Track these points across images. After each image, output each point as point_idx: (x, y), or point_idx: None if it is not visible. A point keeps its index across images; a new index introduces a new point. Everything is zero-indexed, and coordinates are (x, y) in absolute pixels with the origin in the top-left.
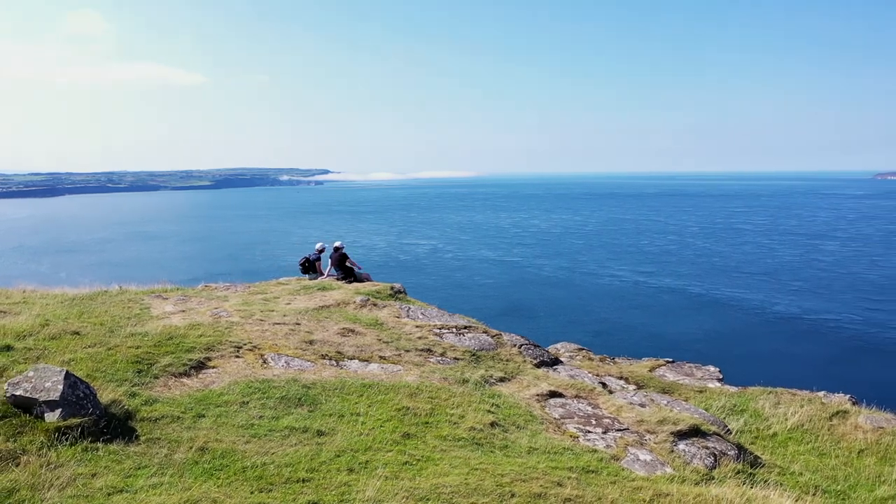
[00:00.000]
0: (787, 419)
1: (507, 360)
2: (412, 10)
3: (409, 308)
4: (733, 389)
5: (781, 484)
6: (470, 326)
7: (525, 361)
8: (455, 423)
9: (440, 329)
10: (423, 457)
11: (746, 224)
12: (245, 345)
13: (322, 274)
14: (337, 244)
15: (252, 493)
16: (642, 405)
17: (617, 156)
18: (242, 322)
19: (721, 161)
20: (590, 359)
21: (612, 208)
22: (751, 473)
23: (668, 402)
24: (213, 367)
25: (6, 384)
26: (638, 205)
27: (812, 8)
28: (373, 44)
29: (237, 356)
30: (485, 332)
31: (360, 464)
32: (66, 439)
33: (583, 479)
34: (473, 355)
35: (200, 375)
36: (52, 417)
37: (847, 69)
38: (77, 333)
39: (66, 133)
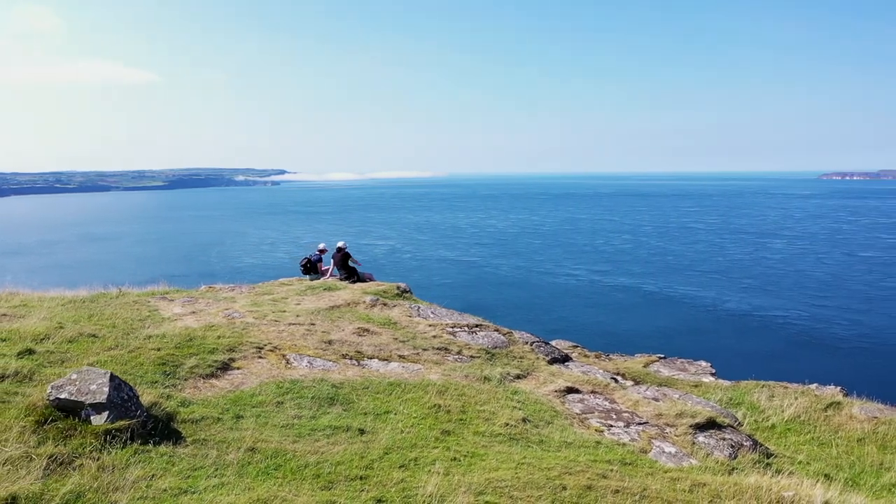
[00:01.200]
0: (783, 411)
1: (521, 358)
2: (375, 7)
3: (419, 307)
4: (727, 383)
5: (792, 473)
6: (481, 325)
7: (538, 358)
8: (488, 420)
9: (453, 328)
10: (468, 453)
11: (698, 223)
12: (265, 345)
13: (324, 274)
14: (340, 244)
15: (315, 491)
16: (656, 399)
17: (574, 156)
18: (257, 323)
19: (674, 162)
20: (585, 355)
21: (568, 208)
22: (767, 463)
23: (681, 396)
24: (238, 369)
25: (49, 387)
26: (593, 205)
27: (768, 9)
28: (334, 42)
29: (260, 357)
30: (496, 330)
31: (409, 461)
32: (116, 442)
33: (623, 472)
34: (488, 353)
35: (227, 377)
36: (99, 420)
37: (794, 75)
38: (94, 336)
39: (12, 132)
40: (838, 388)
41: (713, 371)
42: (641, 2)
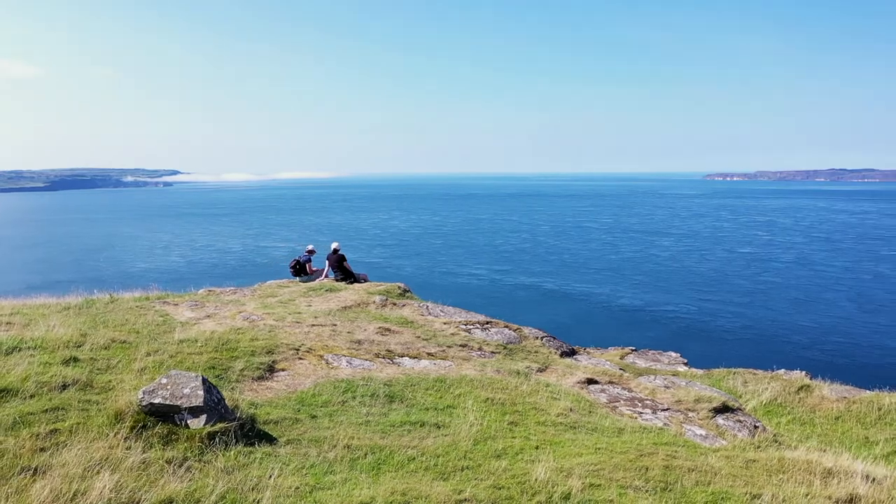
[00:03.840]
0: (760, 395)
1: (536, 352)
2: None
3: (428, 306)
4: (700, 372)
5: (809, 449)
6: (491, 322)
7: (551, 352)
8: (542, 411)
9: (466, 325)
10: (545, 440)
11: (593, 222)
12: (300, 347)
13: (312, 275)
14: (334, 246)
15: (437, 482)
16: (667, 387)
17: (477, 157)
18: (280, 325)
19: (573, 162)
20: None
21: (469, 208)
22: (779, 442)
23: (687, 384)
24: (283, 370)
25: (140, 393)
26: (494, 205)
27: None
28: (231, 37)
29: (300, 358)
30: (506, 326)
31: (500, 451)
32: (219, 444)
33: (684, 452)
34: (506, 349)
35: (276, 378)
36: (197, 424)
37: (680, 81)
38: (126, 342)
39: None
40: (803, 372)
41: (685, 361)
42: (539, 2)
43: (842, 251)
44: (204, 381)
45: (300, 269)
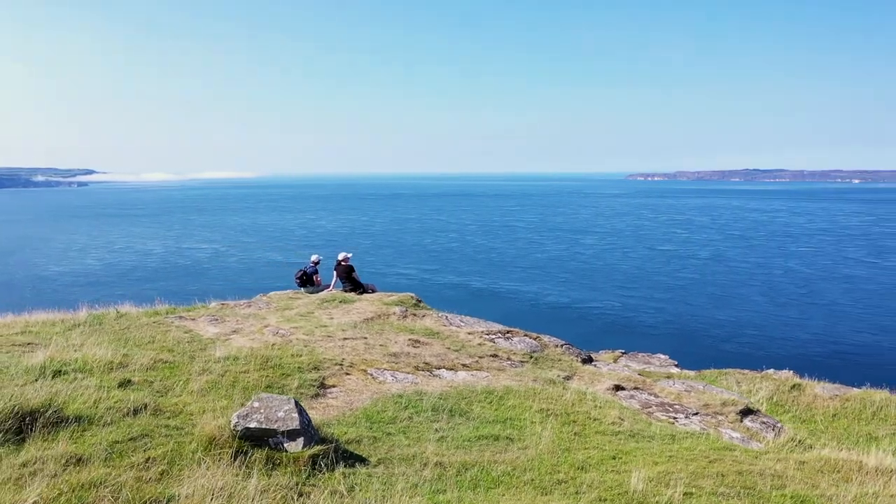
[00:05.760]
0: (756, 394)
1: (559, 360)
2: None
3: (447, 316)
4: (692, 373)
5: (831, 448)
6: (511, 331)
7: (573, 360)
8: (597, 420)
9: (489, 335)
10: (616, 451)
11: (519, 222)
12: (342, 362)
13: (318, 285)
14: (341, 256)
15: (541, 497)
16: (687, 391)
17: (403, 157)
18: (312, 340)
19: (498, 163)
20: None
21: (397, 208)
22: (800, 441)
23: (705, 387)
24: (334, 386)
25: (234, 417)
26: (421, 205)
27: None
28: (150, 32)
29: (346, 374)
30: (526, 335)
31: (581, 462)
32: (321, 468)
33: (745, 457)
34: (531, 357)
35: (331, 395)
36: (294, 447)
37: (601, 83)
38: (168, 362)
39: None
40: (791, 371)
41: (675, 362)
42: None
43: (754, 248)
44: (296, 403)
45: (306, 280)
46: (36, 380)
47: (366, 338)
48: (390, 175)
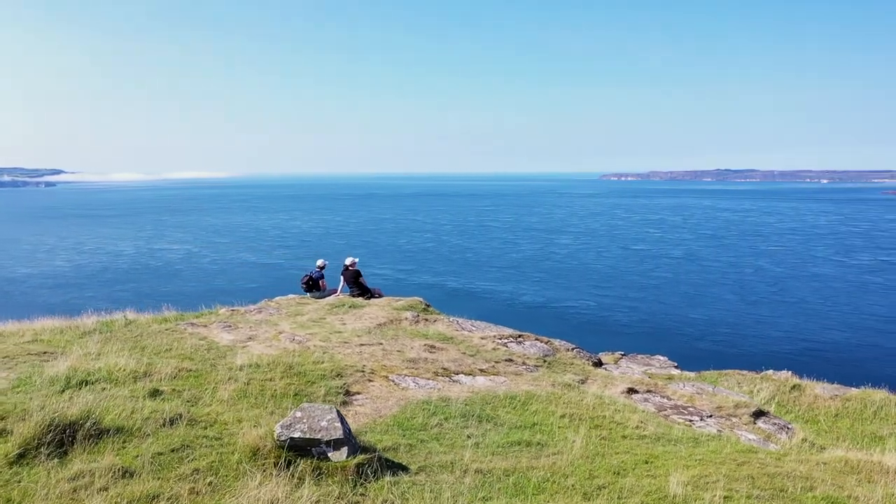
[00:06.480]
0: (757, 394)
1: (572, 364)
2: None
3: (458, 320)
4: (692, 374)
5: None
6: (522, 335)
7: (585, 363)
8: (620, 424)
9: (501, 339)
10: (647, 455)
11: (494, 221)
12: (363, 368)
13: (324, 290)
14: (348, 261)
15: (581, 503)
16: (698, 393)
17: (376, 158)
18: (328, 346)
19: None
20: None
21: (371, 208)
22: (812, 442)
23: (714, 389)
24: (359, 393)
25: (278, 427)
26: (396, 205)
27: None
28: (117, 33)
29: (368, 380)
30: (537, 339)
31: (615, 466)
32: (367, 477)
33: (771, 459)
34: (545, 362)
35: (357, 402)
36: (338, 457)
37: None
38: (191, 371)
39: None
40: (790, 372)
41: (675, 364)
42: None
43: (726, 247)
44: (338, 412)
45: (313, 285)
46: (62, 391)
47: (382, 343)
48: (357, 175)
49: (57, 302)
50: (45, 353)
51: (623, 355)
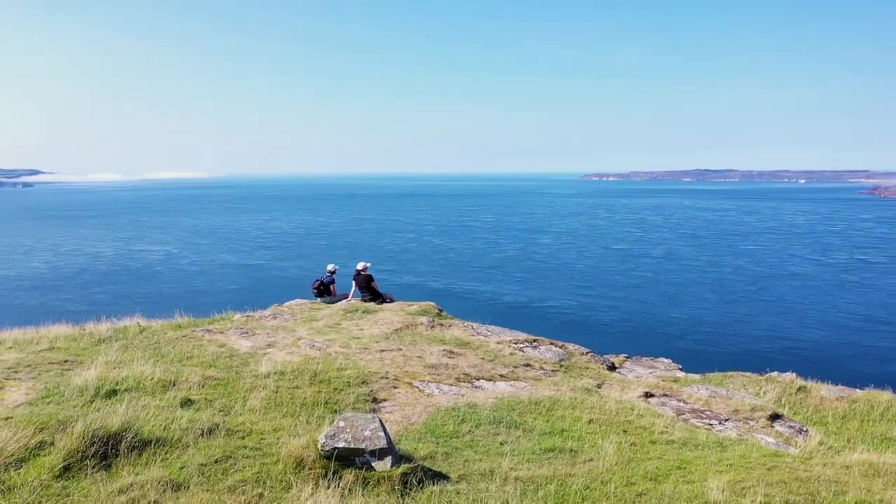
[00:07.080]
0: (763, 397)
1: (587, 368)
2: None
3: (472, 325)
4: (697, 377)
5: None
6: (536, 339)
7: (600, 367)
8: (646, 429)
9: (517, 344)
10: (679, 460)
11: (476, 221)
12: (387, 375)
13: (335, 295)
14: (360, 266)
15: None
16: (712, 397)
17: (361, 158)
18: (349, 352)
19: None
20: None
21: (353, 209)
22: (829, 445)
23: (728, 392)
24: (386, 401)
25: (322, 437)
26: (377, 205)
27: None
28: (97, 29)
29: (394, 387)
30: (552, 343)
31: (650, 473)
32: (412, 486)
33: (798, 463)
34: (562, 366)
35: (385, 409)
36: (382, 466)
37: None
38: (217, 379)
39: None
40: (794, 373)
41: (679, 366)
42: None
43: (706, 246)
44: (380, 422)
45: (324, 290)
46: (92, 400)
47: (401, 349)
48: (339, 175)
49: (34, 304)
50: (65, 361)
51: (627, 357)
